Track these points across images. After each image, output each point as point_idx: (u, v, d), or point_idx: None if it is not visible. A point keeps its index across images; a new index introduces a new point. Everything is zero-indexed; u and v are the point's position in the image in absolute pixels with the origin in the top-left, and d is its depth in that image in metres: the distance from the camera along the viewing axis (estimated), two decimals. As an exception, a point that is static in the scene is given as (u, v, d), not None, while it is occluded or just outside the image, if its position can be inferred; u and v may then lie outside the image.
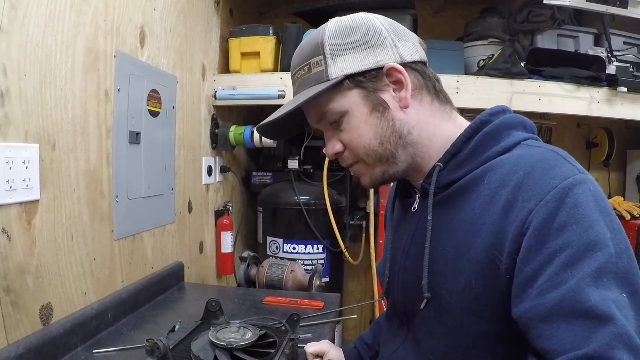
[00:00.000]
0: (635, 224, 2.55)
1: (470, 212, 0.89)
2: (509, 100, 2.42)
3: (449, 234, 0.92)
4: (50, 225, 1.27)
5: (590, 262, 0.71)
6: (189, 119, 2.20)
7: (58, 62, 1.29)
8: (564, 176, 0.79)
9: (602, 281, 0.70)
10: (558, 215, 0.75)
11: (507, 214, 0.81)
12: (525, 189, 0.80)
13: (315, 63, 0.98)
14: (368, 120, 0.97)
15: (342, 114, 0.98)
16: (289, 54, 2.48)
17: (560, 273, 0.72)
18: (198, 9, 2.25)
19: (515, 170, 0.84)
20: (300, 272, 2.17)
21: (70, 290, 1.36)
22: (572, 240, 0.73)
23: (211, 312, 1.41)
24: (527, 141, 0.93)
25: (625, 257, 0.73)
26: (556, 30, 2.78)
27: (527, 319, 0.74)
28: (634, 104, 2.52)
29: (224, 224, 2.49)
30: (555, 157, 0.84)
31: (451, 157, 0.96)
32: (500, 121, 0.95)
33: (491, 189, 0.86)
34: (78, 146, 1.39)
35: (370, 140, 0.97)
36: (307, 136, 2.87)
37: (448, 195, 0.95)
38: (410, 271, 1.01)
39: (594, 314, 0.68)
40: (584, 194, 0.77)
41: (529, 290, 0.75)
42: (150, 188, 1.83)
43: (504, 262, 0.80)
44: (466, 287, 0.86)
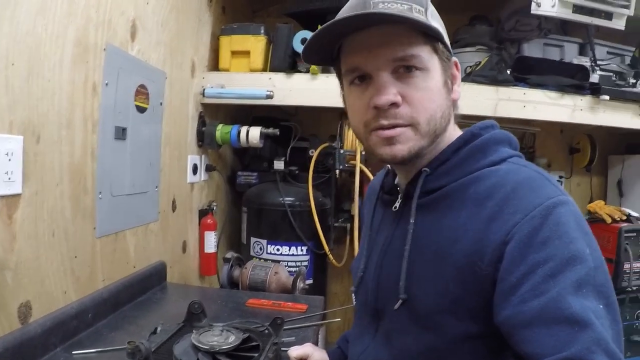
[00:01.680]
0: (616, 227, 2.61)
1: (454, 219, 0.91)
2: (494, 106, 2.45)
3: (430, 237, 0.94)
4: (31, 220, 1.24)
5: (571, 274, 0.75)
6: (176, 115, 2.16)
7: (47, 52, 1.25)
8: (548, 196, 0.83)
9: (581, 291, 0.74)
10: (542, 230, 0.79)
11: (491, 224, 0.84)
12: (512, 203, 0.84)
13: (417, 9, 0.91)
14: (441, 90, 0.95)
15: (424, 67, 0.92)
16: (278, 54, 2.47)
17: (542, 283, 0.75)
18: (190, 5, 2.23)
19: (503, 183, 0.87)
20: (283, 274, 2.15)
21: (50, 288, 1.32)
22: (555, 253, 0.77)
23: (193, 314, 1.40)
24: (513, 158, 0.97)
25: (601, 272, 0.78)
26: (542, 39, 2.88)
27: (509, 325, 0.77)
28: (616, 111, 2.59)
29: (208, 223, 2.46)
30: (541, 177, 0.89)
31: (439, 163, 0.98)
32: (489, 135, 0.98)
33: (477, 198, 0.89)
34: (63, 139, 1.36)
35: (437, 108, 0.93)
36: (294, 137, 2.86)
37: (431, 199, 0.97)
38: (386, 269, 1.03)
39: (574, 320, 0.71)
40: (566, 213, 0.81)
41: (511, 298, 0.78)
42: (135, 185, 1.79)
43: (484, 268, 0.83)
44: (443, 290, 0.88)
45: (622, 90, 2.62)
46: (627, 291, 2.57)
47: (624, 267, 2.55)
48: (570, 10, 2.22)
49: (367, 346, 1.07)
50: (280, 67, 2.46)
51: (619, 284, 2.55)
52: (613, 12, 2.28)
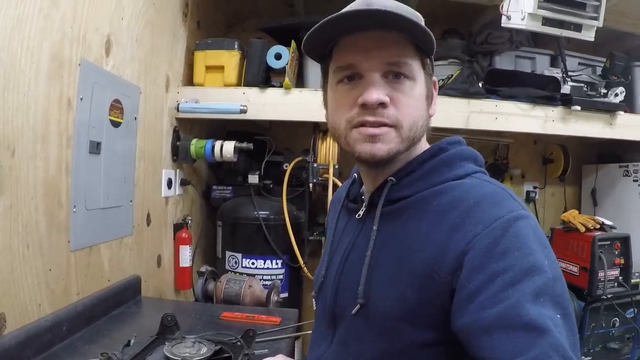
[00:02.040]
0: (589, 236, 2.64)
1: (416, 228, 0.94)
2: (466, 119, 2.50)
3: (391, 244, 0.97)
4: (5, 233, 1.24)
5: (529, 284, 0.77)
6: (151, 130, 2.17)
7: (22, 67, 1.27)
8: (509, 209, 0.86)
9: (539, 300, 0.76)
10: (502, 241, 0.81)
11: (453, 234, 0.87)
12: (473, 215, 0.87)
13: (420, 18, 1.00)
14: (423, 101, 1.00)
15: (412, 77, 0.96)
16: (252, 69, 2.49)
17: (501, 291, 0.77)
18: (165, 20, 2.25)
19: (465, 197, 0.91)
20: (257, 287, 2.16)
21: (25, 301, 1.32)
22: (514, 264, 0.79)
23: (167, 326, 1.41)
24: (477, 174, 1.00)
25: (559, 283, 0.80)
26: (514, 52, 2.94)
27: (468, 331, 0.79)
28: (587, 121, 2.66)
29: (183, 237, 2.46)
30: (503, 192, 0.92)
31: (405, 174, 1.01)
32: (455, 151, 1.02)
33: (439, 210, 0.92)
34: (38, 153, 1.36)
35: (419, 116, 0.98)
36: (268, 151, 2.88)
37: (395, 209, 1.00)
38: (347, 276, 1.05)
39: (532, 326, 0.73)
40: (526, 227, 0.84)
41: (470, 305, 0.80)
42: (109, 199, 1.80)
43: (442, 276, 0.85)
44: (401, 297, 0.90)
45: (593, 100, 2.70)
46: (602, 299, 2.60)
47: (599, 275, 2.58)
48: (540, 23, 2.27)
49: (324, 352, 1.09)
50: (254, 82, 2.48)
51: (594, 292, 2.58)
52: (582, 24, 2.33)
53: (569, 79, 2.76)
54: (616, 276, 2.65)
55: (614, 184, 3.28)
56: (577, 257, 2.71)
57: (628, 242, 2.69)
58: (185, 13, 2.49)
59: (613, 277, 2.64)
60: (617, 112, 2.70)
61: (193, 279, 2.49)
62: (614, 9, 2.74)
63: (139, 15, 1.93)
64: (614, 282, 2.65)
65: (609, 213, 3.16)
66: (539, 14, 2.23)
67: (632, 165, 3.11)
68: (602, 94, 2.78)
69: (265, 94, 2.46)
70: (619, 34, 3.14)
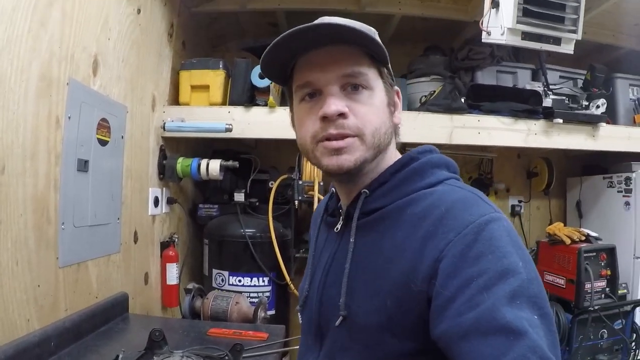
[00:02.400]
0: (575, 248, 2.65)
1: (391, 238, 0.94)
2: (449, 134, 2.53)
3: (369, 256, 0.97)
4: (-5, 249, 1.25)
5: (505, 286, 0.77)
6: (137, 149, 2.20)
7: (12, 86, 1.29)
8: (481, 213, 0.86)
9: (515, 302, 0.75)
10: (475, 246, 0.81)
11: (427, 243, 0.86)
12: (445, 222, 0.86)
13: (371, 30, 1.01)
14: (384, 108, 1.01)
15: (370, 86, 0.98)
16: (237, 88, 2.53)
17: (476, 295, 0.77)
18: (151, 40, 2.28)
19: (437, 205, 0.91)
20: (244, 303, 2.17)
21: (13, 316, 1.33)
22: (488, 267, 0.79)
23: (154, 341, 1.41)
24: (449, 180, 1.00)
25: (535, 284, 0.79)
26: (495, 67, 2.96)
27: (446, 338, 0.79)
28: (570, 133, 2.69)
29: (170, 255, 2.47)
30: (474, 197, 0.92)
31: (378, 185, 1.02)
32: (426, 159, 1.02)
33: (413, 219, 0.92)
34: (27, 171, 1.39)
35: (381, 123, 0.98)
36: (254, 170, 2.90)
37: (370, 220, 1.00)
38: (328, 288, 1.05)
39: (509, 329, 0.73)
40: (499, 229, 0.84)
41: (446, 312, 0.79)
42: (97, 216, 1.81)
43: (418, 284, 0.85)
44: (381, 307, 0.90)
45: (575, 112, 2.74)
46: (589, 311, 2.58)
47: (585, 287, 2.59)
48: (520, 37, 2.28)
49: None
50: (239, 101, 2.52)
51: (581, 304, 2.58)
52: (561, 37, 2.35)
53: (551, 92, 2.80)
54: (603, 287, 2.66)
55: (598, 195, 3.31)
56: (563, 270, 2.73)
57: (614, 253, 2.71)
58: (170, 33, 2.53)
59: (600, 289, 2.65)
60: (599, 124, 2.73)
61: (180, 296, 2.50)
62: (592, 22, 2.80)
63: (125, 35, 1.97)
64: (601, 294, 2.65)
65: (595, 224, 3.20)
66: (518, 28, 2.25)
67: (616, 176, 3.13)
68: (584, 106, 2.82)
69: (250, 113, 2.49)
70: (599, 46, 3.20)
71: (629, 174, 3.04)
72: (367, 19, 3.00)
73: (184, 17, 2.74)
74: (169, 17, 2.49)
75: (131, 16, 2.02)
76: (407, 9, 2.90)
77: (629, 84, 3.12)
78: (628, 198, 3.03)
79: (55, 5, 1.47)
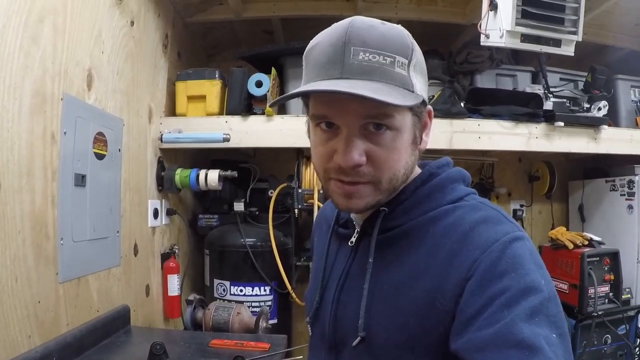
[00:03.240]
0: (578, 253, 2.64)
1: (413, 256, 0.92)
2: (449, 139, 2.51)
3: (388, 274, 0.95)
4: (-7, 266, 1.25)
5: (525, 303, 0.76)
6: (135, 161, 2.20)
7: (5, 104, 1.29)
8: (505, 232, 0.85)
9: (534, 320, 0.75)
10: (499, 264, 0.81)
11: (452, 261, 0.86)
12: (471, 240, 0.86)
13: (399, 63, 0.87)
14: (407, 148, 0.92)
15: (395, 127, 0.88)
16: (234, 97, 2.53)
17: (497, 312, 0.77)
18: (146, 52, 2.29)
19: (461, 222, 0.90)
20: (246, 314, 2.17)
21: (14, 333, 1.33)
22: (511, 285, 0.78)
23: (155, 355, 1.41)
24: (469, 196, 0.99)
25: (554, 304, 0.79)
26: (494, 70, 2.93)
27: (463, 350, 0.78)
28: (571, 137, 2.66)
29: (170, 266, 2.47)
30: (498, 214, 0.91)
31: (398, 203, 0.99)
32: (446, 175, 1.00)
33: (435, 237, 0.91)
34: (23, 187, 1.39)
35: (401, 167, 0.92)
36: (253, 179, 2.90)
37: (390, 237, 0.98)
38: (344, 305, 1.03)
39: (525, 344, 0.72)
40: (522, 247, 0.84)
41: (469, 327, 0.79)
42: (96, 230, 1.81)
43: (445, 303, 0.84)
44: (403, 326, 0.89)
45: (576, 115, 2.71)
46: (593, 316, 2.57)
47: (589, 292, 2.57)
48: (519, 40, 2.25)
49: None
50: (236, 110, 2.52)
51: (584, 309, 2.56)
52: (561, 39, 2.32)
53: (551, 95, 2.77)
54: (606, 292, 2.64)
55: (601, 199, 3.28)
56: (566, 275, 2.71)
57: (617, 258, 2.70)
58: (165, 45, 2.54)
59: (603, 294, 2.63)
60: (600, 127, 2.70)
61: (182, 307, 2.50)
62: (593, 23, 2.78)
63: (119, 48, 1.98)
64: (604, 299, 2.64)
65: (597, 229, 3.17)
66: (517, 30, 2.22)
67: (619, 179, 3.10)
68: (585, 108, 2.80)
69: (248, 122, 2.49)
70: (599, 47, 3.18)
71: (631, 177, 3.01)
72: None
73: (179, 28, 2.75)
74: (163, 28, 2.50)
75: (124, 28, 2.02)
76: (403, 14, 2.90)
77: (630, 86, 3.08)
78: (631, 201, 3.00)
79: (46, 21, 1.47)
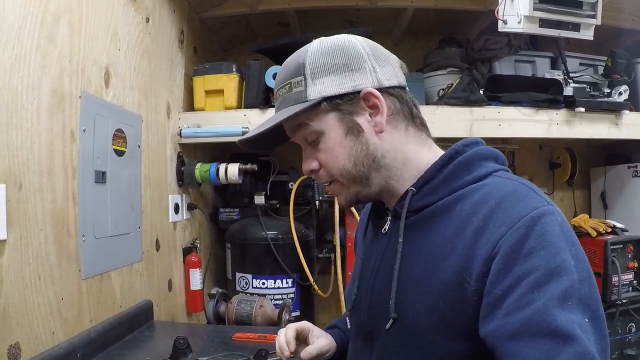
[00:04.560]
0: (601, 240, 2.59)
1: (441, 236, 0.92)
2: (469, 127, 2.48)
3: (418, 255, 0.94)
4: (17, 264, 1.27)
5: (556, 285, 0.75)
6: (155, 157, 2.21)
7: (24, 103, 1.30)
8: (533, 206, 0.83)
9: (567, 304, 0.74)
10: (527, 242, 0.79)
11: (478, 239, 0.84)
12: (497, 217, 0.84)
13: (295, 83, 1.01)
14: (342, 142, 1.00)
15: (318, 133, 1.01)
16: (251, 90, 2.53)
17: (527, 294, 0.75)
18: (162, 48, 2.29)
19: (487, 199, 0.88)
20: (269, 307, 2.17)
21: (38, 330, 1.34)
22: (540, 264, 0.76)
23: (179, 349, 1.42)
24: (498, 172, 0.97)
25: (587, 285, 0.77)
26: (513, 56, 2.88)
27: (494, 338, 0.77)
28: (593, 123, 2.61)
29: (192, 261, 2.49)
30: (526, 189, 0.88)
31: (425, 182, 0.99)
32: (473, 152, 0.99)
33: (462, 215, 0.90)
34: (44, 186, 1.40)
35: (344, 162, 1.00)
36: (273, 171, 2.90)
37: (419, 218, 0.98)
38: (378, 291, 1.03)
39: (559, 333, 0.71)
40: (552, 223, 0.81)
41: (497, 311, 0.78)
42: (117, 227, 1.83)
43: (472, 284, 0.83)
44: (433, 308, 0.88)
45: (597, 100, 2.66)
46: (617, 304, 2.52)
47: (613, 280, 2.51)
48: (537, 25, 2.23)
49: None
50: (254, 103, 2.52)
51: (608, 297, 2.51)
52: (580, 23, 2.28)
53: (571, 81, 2.72)
54: (630, 280, 2.58)
55: (623, 185, 3.20)
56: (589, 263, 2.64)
57: (641, 245, 2.64)
58: (181, 40, 2.54)
59: (627, 282, 2.57)
60: (622, 112, 2.65)
61: (204, 301, 2.52)
62: (610, 6, 2.72)
63: (136, 45, 1.98)
64: (628, 287, 2.58)
65: (620, 215, 3.11)
66: (535, 15, 2.19)
67: (642, 164, 3.02)
68: (606, 93, 2.75)
69: (266, 114, 2.47)
70: (618, 30, 3.09)
71: (654, 162, 2.92)
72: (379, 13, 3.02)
73: (194, 23, 2.75)
74: (178, 24, 2.50)
75: (140, 25, 2.02)
76: (419, 2, 2.86)
77: (651, 69, 2.98)
78: (654, 187, 2.92)
79: (62, 20, 1.48)
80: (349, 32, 1.10)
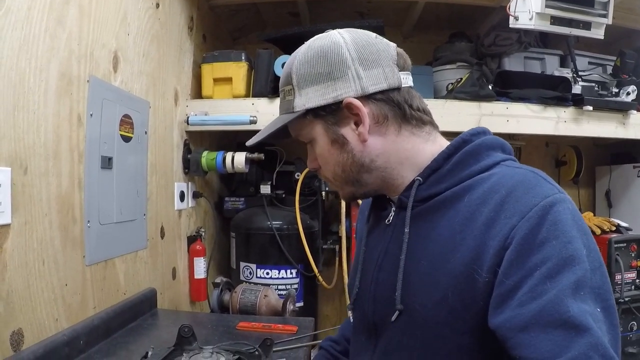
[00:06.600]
0: (605, 238, 2.58)
1: (449, 227, 0.90)
2: (477, 122, 2.47)
3: (425, 246, 0.93)
4: (21, 249, 1.25)
5: (569, 275, 0.74)
6: (161, 144, 2.19)
7: (31, 86, 1.28)
8: (544, 195, 0.82)
9: (579, 294, 0.73)
10: (540, 231, 0.78)
11: (489, 230, 0.83)
12: (507, 207, 0.83)
13: (287, 91, 1.04)
14: (330, 150, 1.03)
15: (310, 140, 1.06)
16: (260, 79, 2.51)
17: (539, 284, 0.75)
18: (171, 34, 2.27)
19: (497, 189, 0.87)
20: (273, 296, 2.16)
21: (41, 316, 1.33)
22: (552, 254, 0.76)
23: (184, 337, 1.40)
24: (506, 162, 0.96)
25: (599, 274, 0.77)
26: (522, 53, 2.87)
27: (505, 329, 0.76)
28: (600, 121, 2.61)
29: (197, 249, 2.48)
30: (535, 177, 0.87)
31: (431, 172, 0.98)
32: (480, 141, 0.98)
33: (471, 205, 0.89)
34: (50, 170, 1.38)
35: (333, 167, 1.05)
36: (279, 161, 2.89)
37: (425, 208, 0.97)
38: (383, 283, 1.02)
39: (572, 324, 0.70)
40: (564, 211, 0.80)
41: (509, 302, 0.77)
42: (122, 213, 1.81)
43: (484, 275, 0.82)
44: (441, 300, 0.87)
45: (605, 100, 2.65)
46: (619, 302, 2.52)
47: (616, 278, 2.52)
48: (549, 22, 2.21)
49: None
50: (263, 92, 2.49)
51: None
52: (591, 21, 2.27)
53: (580, 79, 2.71)
54: (633, 279, 2.59)
55: (628, 184, 3.21)
56: (595, 258, 2.66)
57: (645, 244, 2.63)
58: (190, 27, 2.52)
59: (630, 280, 2.58)
60: (629, 111, 2.64)
61: (208, 290, 2.51)
62: (621, 6, 2.69)
63: (145, 30, 1.96)
64: (631, 285, 2.58)
65: (625, 214, 3.11)
66: (547, 13, 2.17)
67: (647, 165, 3.02)
68: (614, 93, 2.73)
69: (275, 104, 2.45)
70: (628, 31, 3.08)
71: (660, 163, 2.92)
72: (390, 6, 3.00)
73: (204, 11, 2.72)
74: (188, 11, 2.48)
75: (150, 10, 2.00)
76: (430, -4, 2.84)
77: (660, 70, 2.98)
78: (659, 187, 2.92)
79: (72, 2, 1.46)
80: (360, 24, 1.11)
